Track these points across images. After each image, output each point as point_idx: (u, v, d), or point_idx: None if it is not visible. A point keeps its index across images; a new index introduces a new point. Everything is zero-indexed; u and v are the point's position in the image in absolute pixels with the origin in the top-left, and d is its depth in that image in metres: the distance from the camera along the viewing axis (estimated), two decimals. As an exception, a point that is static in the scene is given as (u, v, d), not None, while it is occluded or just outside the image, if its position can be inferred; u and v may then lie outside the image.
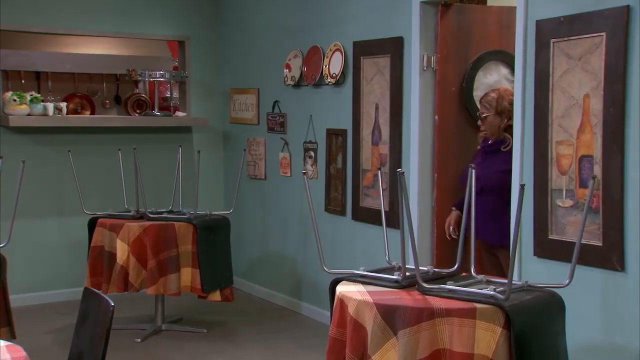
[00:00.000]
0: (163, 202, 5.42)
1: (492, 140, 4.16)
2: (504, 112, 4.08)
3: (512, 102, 4.00)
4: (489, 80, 4.58)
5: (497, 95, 4.12)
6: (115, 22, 6.10)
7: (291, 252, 5.77)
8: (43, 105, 5.67)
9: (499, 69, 4.61)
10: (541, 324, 2.78)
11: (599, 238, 3.39)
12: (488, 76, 4.59)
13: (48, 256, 5.92)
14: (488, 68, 4.59)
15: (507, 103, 4.07)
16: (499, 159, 4.08)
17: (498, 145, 4.13)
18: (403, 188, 2.76)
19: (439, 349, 2.67)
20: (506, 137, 4.09)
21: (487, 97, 4.16)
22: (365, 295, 2.82)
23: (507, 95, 4.12)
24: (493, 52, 4.57)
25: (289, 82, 5.58)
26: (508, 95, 4.11)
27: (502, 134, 4.11)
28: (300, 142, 5.57)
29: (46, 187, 5.86)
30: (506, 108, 4.07)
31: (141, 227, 4.80)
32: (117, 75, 6.94)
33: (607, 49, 3.33)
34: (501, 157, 4.07)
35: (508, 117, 4.06)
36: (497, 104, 4.09)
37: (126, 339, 4.93)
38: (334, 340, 2.89)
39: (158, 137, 6.29)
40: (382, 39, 4.75)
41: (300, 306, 5.67)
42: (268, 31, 5.91)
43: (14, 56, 6.23)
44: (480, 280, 3.01)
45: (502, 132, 4.11)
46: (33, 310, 5.65)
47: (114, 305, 2.53)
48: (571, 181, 3.52)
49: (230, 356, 4.71)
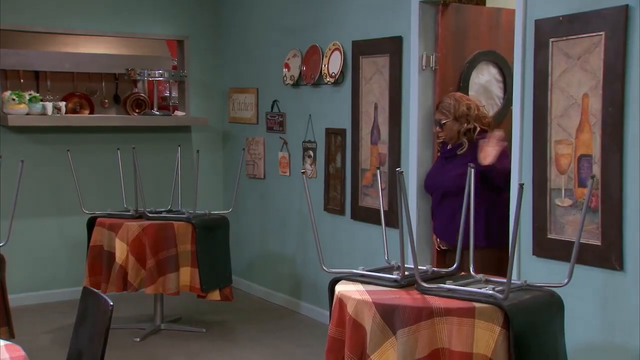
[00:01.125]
0: (162, 202, 5.42)
1: (451, 145, 4.18)
2: (462, 117, 4.10)
3: (469, 106, 4.10)
4: (480, 80, 4.61)
5: (454, 101, 4.14)
6: (114, 22, 6.09)
7: (290, 252, 5.77)
8: (42, 104, 5.67)
9: (489, 69, 4.65)
10: (540, 324, 2.78)
11: (597, 237, 3.39)
12: (480, 76, 4.62)
13: (47, 256, 5.92)
14: (480, 68, 4.62)
15: (464, 108, 4.10)
16: (457, 163, 4.09)
17: (457, 149, 4.15)
18: (402, 187, 2.76)
19: (438, 348, 2.67)
20: (463, 141, 4.11)
21: (443, 103, 4.18)
22: (364, 295, 2.82)
23: (464, 100, 4.16)
24: (485, 52, 4.60)
25: (288, 81, 5.58)
26: (464, 100, 4.15)
27: (461, 138, 4.13)
28: (299, 142, 5.57)
29: (45, 186, 5.86)
30: (464, 113, 4.09)
31: (140, 226, 4.80)
32: (116, 74, 6.94)
33: (606, 49, 3.33)
34: (459, 161, 4.08)
35: (466, 121, 4.09)
36: (455, 109, 4.10)
37: (125, 338, 4.93)
38: (333, 340, 2.89)
39: (157, 136, 6.29)
40: (381, 38, 4.75)
41: (299, 306, 5.67)
42: (267, 30, 5.91)
43: (12, 55, 6.23)
44: (479, 279, 3.01)
45: (462, 136, 4.12)
46: (32, 309, 5.65)
47: (112, 305, 2.53)
48: (570, 180, 3.52)
49: (229, 355, 4.71)
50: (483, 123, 4.14)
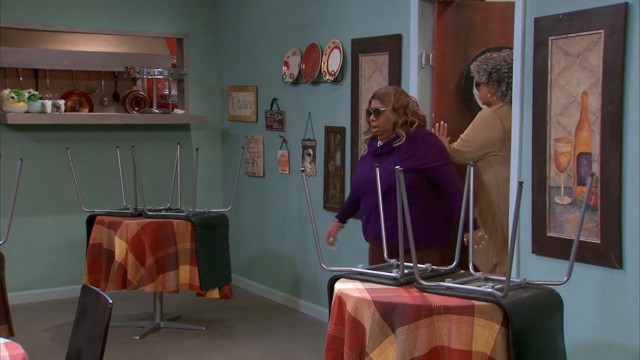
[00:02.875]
0: (161, 200, 5.42)
1: (383, 141, 3.93)
2: (400, 109, 3.86)
3: (409, 100, 3.91)
4: None
5: (394, 91, 3.92)
6: (114, 20, 6.09)
7: (290, 250, 5.77)
8: (41, 102, 5.67)
9: None
10: (539, 321, 2.78)
11: (597, 235, 3.39)
12: None
13: (46, 254, 5.92)
14: None
15: (404, 99, 3.90)
16: (395, 158, 3.82)
17: (391, 144, 3.89)
18: (401, 185, 2.76)
19: (437, 346, 2.67)
20: (399, 133, 3.86)
21: (382, 91, 3.94)
22: (363, 293, 2.82)
23: (404, 92, 3.99)
24: (494, 48, 4.45)
25: (288, 79, 5.58)
26: (405, 93, 3.98)
27: (396, 130, 3.87)
28: (298, 140, 5.57)
29: (44, 184, 5.86)
30: (404, 104, 3.87)
31: (139, 224, 4.80)
32: (115, 72, 6.92)
33: (605, 46, 3.32)
34: (397, 156, 3.83)
35: (404, 114, 3.87)
36: (395, 99, 3.87)
37: (124, 336, 4.93)
38: (332, 338, 2.89)
39: (156, 134, 6.29)
40: (380, 36, 4.75)
41: (298, 304, 5.68)
42: (266, 28, 5.90)
43: (12, 53, 6.22)
44: (478, 277, 3.01)
45: (398, 128, 3.86)
46: (31, 307, 5.65)
47: (112, 303, 2.53)
48: (569, 178, 3.52)
49: (228, 353, 4.72)
50: (421, 119, 3.95)
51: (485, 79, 4.15)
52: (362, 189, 4.01)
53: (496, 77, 4.11)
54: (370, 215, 3.96)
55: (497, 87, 4.12)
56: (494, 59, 4.15)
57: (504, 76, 4.08)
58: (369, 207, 3.97)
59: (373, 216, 3.89)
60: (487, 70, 4.14)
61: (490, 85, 4.14)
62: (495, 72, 4.11)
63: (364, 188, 3.98)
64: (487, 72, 4.14)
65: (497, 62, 4.13)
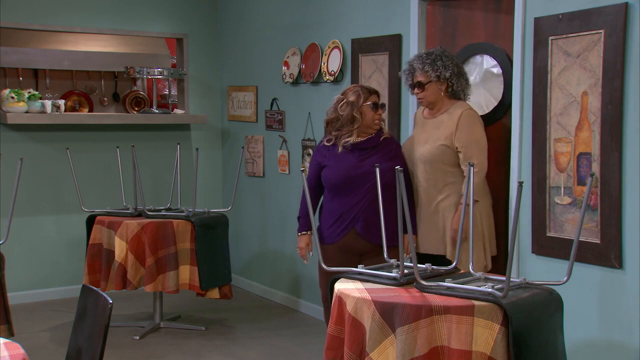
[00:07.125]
0: (161, 200, 5.42)
1: (365, 138, 3.94)
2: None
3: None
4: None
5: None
6: (114, 20, 6.09)
7: (289, 250, 5.76)
8: (41, 102, 5.67)
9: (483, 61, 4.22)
10: (539, 321, 2.78)
11: (597, 235, 3.39)
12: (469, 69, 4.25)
13: (46, 254, 5.92)
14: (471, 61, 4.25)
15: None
16: (381, 154, 3.88)
17: (378, 137, 3.93)
18: (400, 185, 2.77)
19: (437, 346, 2.68)
20: (384, 129, 3.96)
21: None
22: (363, 293, 2.82)
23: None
24: (476, 44, 4.24)
25: (288, 79, 5.58)
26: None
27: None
28: (298, 140, 5.57)
29: (44, 184, 5.86)
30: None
31: (139, 224, 4.80)
32: (115, 72, 6.94)
33: (605, 46, 3.33)
34: (382, 153, 3.89)
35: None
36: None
37: (124, 336, 4.93)
38: (332, 338, 2.90)
39: (156, 134, 6.29)
40: (380, 36, 4.75)
41: (298, 304, 5.68)
42: (266, 28, 5.90)
43: (12, 53, 6.23)
44: (478, 277, 3.01)
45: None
46: (31, 307, 5.65)
47: (112, 303, 2.54)
48: (569, 179, 3.53)
49: (228, 353, 4.72)
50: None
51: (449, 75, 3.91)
52: (348, 185, 3.87)
53: (457, 72, 3.91)
54: (359, 213, 3.86)
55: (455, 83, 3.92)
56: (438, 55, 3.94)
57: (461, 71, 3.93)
58: (352, 205, 3.87)
59: (362, 215, 3.85)
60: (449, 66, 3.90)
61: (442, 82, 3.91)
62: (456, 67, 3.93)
63: (350, 184, 3.87)
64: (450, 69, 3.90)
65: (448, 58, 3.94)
